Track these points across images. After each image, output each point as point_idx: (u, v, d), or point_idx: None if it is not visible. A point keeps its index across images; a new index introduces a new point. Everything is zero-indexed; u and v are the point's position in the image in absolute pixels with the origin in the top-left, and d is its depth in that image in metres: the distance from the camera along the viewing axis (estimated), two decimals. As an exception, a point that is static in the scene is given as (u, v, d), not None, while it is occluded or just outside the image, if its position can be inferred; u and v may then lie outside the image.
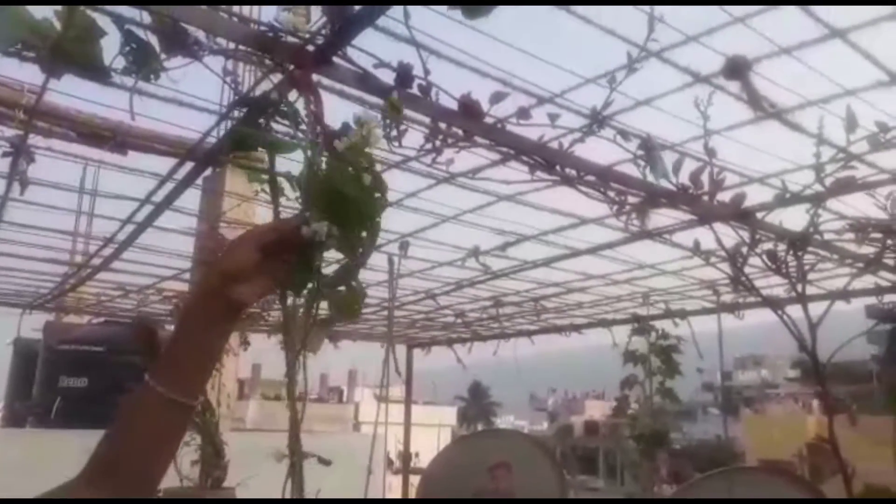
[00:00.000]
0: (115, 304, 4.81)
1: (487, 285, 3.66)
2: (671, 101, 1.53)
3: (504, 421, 51.37)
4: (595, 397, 50.54)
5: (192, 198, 2.69)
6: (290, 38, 1.29)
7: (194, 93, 1.78)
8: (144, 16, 1.41)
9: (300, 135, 1.27)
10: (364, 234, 1.13)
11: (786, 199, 2.03)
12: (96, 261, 3.31)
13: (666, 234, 2.38)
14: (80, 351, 5.81)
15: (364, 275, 1.27)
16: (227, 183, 4.61)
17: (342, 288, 1.13)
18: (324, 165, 1.17)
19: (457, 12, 1.25)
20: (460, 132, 1.67)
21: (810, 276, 2.50)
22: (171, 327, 5.71)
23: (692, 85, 1.43)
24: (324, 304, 1.20)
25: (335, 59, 1.34)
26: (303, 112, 1.34)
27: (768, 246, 2.35)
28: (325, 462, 1.65)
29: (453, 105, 1.52)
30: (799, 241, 2.31)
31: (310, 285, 1.14)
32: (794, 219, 2.19)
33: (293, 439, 1.35)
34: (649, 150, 1.61)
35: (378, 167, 1.92)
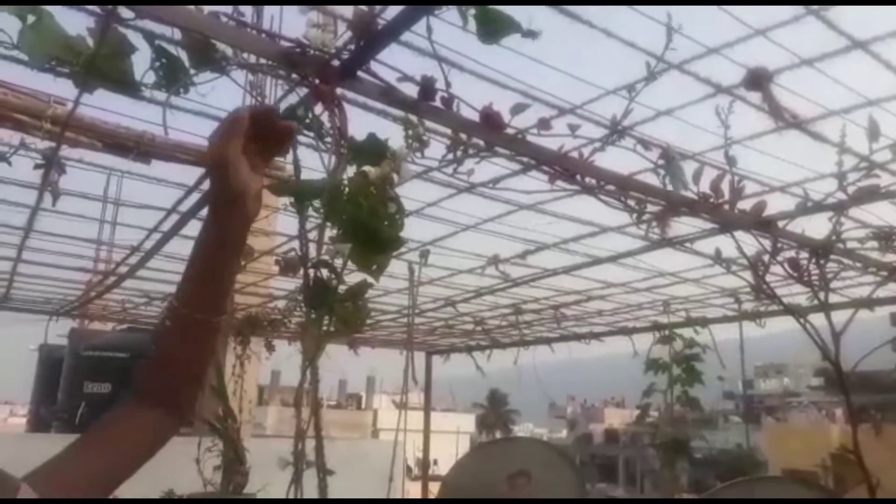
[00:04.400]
0: (139, 311, 4.88)
1: (507, 293, 3.67)
2: (692, 111, 1.54)
3: (523, 428, 51.10)
4: (614, 405, 50.12)
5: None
6: (316, 53, 1.32)
7: (215, 104, 1.82)
8: (174, 32, 1.45)
9: (323, 146, 1.30)
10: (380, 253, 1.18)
11: (808, 207, 2.03)
12: (122, 269, 3.37)
13: (687, 243, 2.38)
14: (104, 357, 5.90)
15: (384, 282, 1.31)
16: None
17: (348, 304, 1.18)
18: (346, 181, 1.21)
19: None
20: (482, 143, 1.70)
21: (833, 285, 2.48)
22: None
23: (713, 96, 1.44)
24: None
25: (359, 73, 1.37)
26: (327, 124, 1.38)
27: (790, 254, 2.34)
28: (328, 472, 1.68)
29: (475, 116, 1.54)
30: (821, 250, 2.30)
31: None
32: (816, 227, 2.19)
33: (298, 447, 1.39)
34: (669, 160, 1.61)
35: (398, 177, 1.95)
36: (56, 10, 1.43)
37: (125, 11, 1.31)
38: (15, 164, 2.21)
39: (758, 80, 1.29)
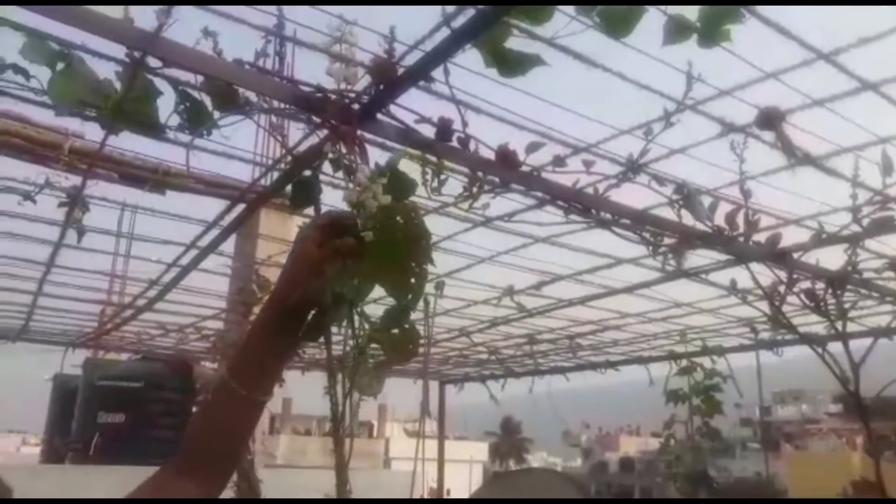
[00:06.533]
0: (154, 342, 4.92)
1: (522, 323, 3.67)
2: (706, 149, 1.56)
3: (536, 457, 50.42)
4: (629, 433, 49.48)
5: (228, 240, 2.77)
6: (336, 97, 1.36)
7: (230, 141, 1.85)
8: (198, 78, 1.50)
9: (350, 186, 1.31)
10: (413, 279, 1.17)
11: (823, 239, 2.04)
12: (140, 301, 3.41)
13: (702, 274, 2.39)
14: (118, 387, 5.91)
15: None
16: (262, 225, 4.71)
17: (395, 330, 1.16)
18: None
19: (495, 70, 1.32)
20: (497, 180, 1.72)
21: (850, 314, 2.48)
22: (208, 364, 5.81)
23: (726, 134, 1.46)
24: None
25: (378, 116, 1.40)
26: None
27: (805, 285, 2.34)
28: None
29: (491, 155, 1.57)
30: (837, 280, 2.30)
31: (359, 327, 1.18)
32: (831, 259, 2.19)
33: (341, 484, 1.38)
34: (688, 195, 1.63)
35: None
36: (82, 57, 1.48)
37: (153, 60, 1.35)
38: (36, 200, 2.25)
39: (770, 119, 1.31)
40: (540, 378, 5.02)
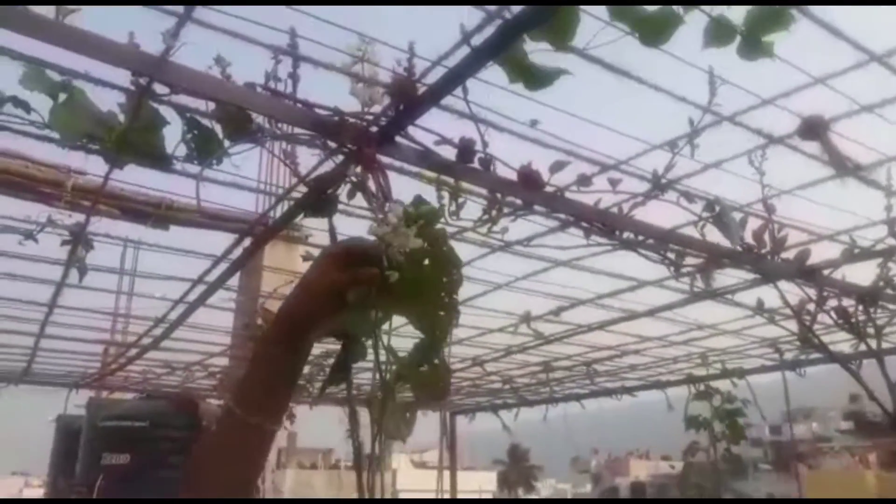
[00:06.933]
0: (160, 380, 4.82)
1: (538, 350, 3.57)
2: (742, 161, 1.49)
3: (546, 485, 49.69)
4: (638, 457, 48.88)
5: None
6: (354, 121, 1.29)
7: (235, 170, 1.78)
8: (207, 105, 1.43)
9: (371, 213, 1.24)
10: (442, 312, 1.09)
11: (855, 254, 1.96)
12: (145, 340, 3.33)
13: (728, 294, 2.30)
14: (122, 427, 5.78)
15: (408, 344, 1.20)
16: (266, 257, 4.63)
17: (424, 367, 1.07)
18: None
19: (519, 84, 1.25)
20: (518, 201, 1.65)
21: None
22: (214, 401, 5.70)
23: (765, 147, 1.40)
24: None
25: (397, 139, 1.33)
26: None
27: (833, 302, 2.26)
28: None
29: (513, 175, 1.50)
30: (868, 297, 2.21)
31: (385, 363, 1.10)
32: (861, 275, 2.11)
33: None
34: (721, 214, 1.56)
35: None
36: (85, 86, 1.42)
37: (159, 87, 1.28)
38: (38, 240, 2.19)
39: (813, 128, 1.25)
40: (554, 406, 4.90)
